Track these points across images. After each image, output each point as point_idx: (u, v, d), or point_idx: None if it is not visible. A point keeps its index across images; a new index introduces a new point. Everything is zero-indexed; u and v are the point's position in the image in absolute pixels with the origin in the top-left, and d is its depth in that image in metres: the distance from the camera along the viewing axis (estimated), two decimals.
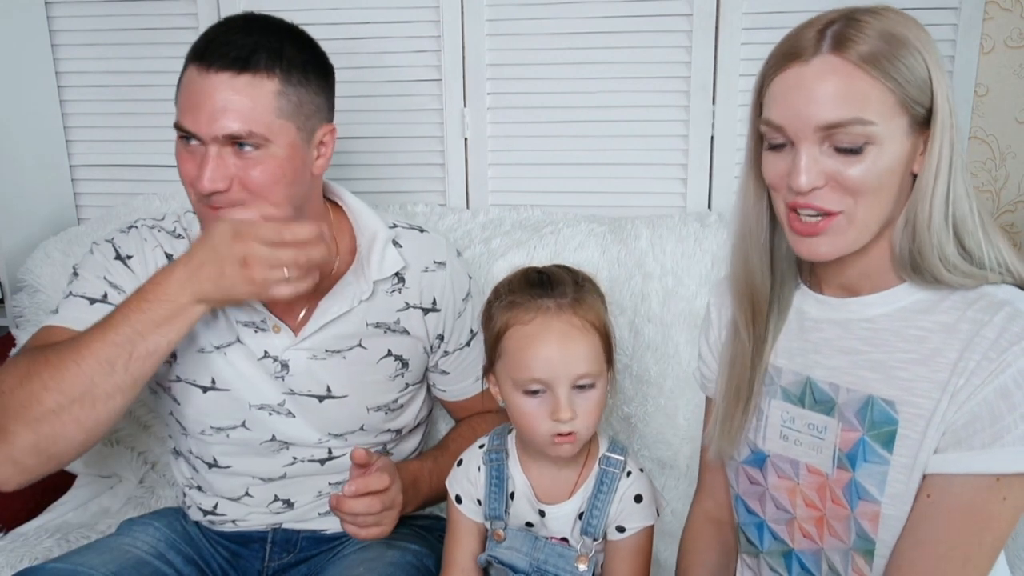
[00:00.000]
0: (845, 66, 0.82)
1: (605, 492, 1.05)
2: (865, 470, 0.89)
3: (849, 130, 0.82)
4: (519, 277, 1.05)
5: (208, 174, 1.03)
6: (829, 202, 0.85)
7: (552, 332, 0.98)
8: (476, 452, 1.11)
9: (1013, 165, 1.57)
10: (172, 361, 1.18)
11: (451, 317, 1.25)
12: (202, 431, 1.21)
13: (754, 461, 1.01)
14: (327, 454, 1.23)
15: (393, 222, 1.25)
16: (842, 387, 0.92)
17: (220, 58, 1.03)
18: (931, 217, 0.85)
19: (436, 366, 1.29)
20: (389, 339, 1.21)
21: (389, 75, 1.67)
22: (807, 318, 0.97)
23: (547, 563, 1.06)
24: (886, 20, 0.84)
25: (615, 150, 1.64)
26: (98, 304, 1.13)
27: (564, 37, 1.61)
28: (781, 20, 1.53)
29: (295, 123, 1.08)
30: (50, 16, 1.72)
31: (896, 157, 0.84)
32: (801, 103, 0.84)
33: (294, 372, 1.18)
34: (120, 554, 1.17)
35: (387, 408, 1.24)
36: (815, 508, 0.95)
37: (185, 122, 1.05)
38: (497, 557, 1.07)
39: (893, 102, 0.83)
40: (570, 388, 0.98)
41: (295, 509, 1.25)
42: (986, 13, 1.50)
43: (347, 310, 1.17)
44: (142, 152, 1.76)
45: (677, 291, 1.49)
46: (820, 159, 0.84)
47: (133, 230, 1.21)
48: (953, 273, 0.86)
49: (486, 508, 1.08)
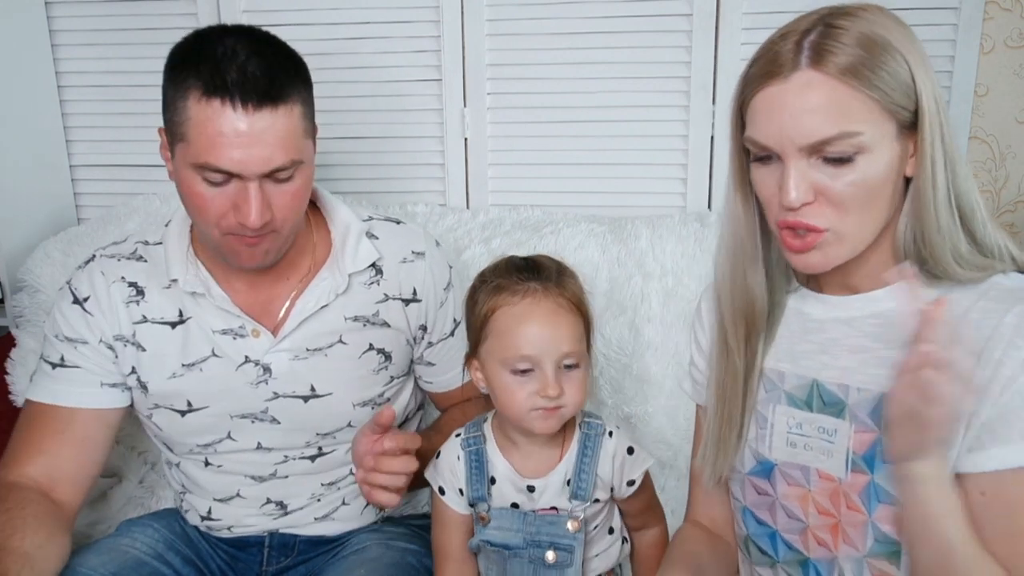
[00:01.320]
0: (826, 81, 0.80)
1: (590, 455, 1.08)
2: (885, 471, 0.86)
3: (836, 145, 0.81)
4: (504, 263, 1.08)
5: (258, 209, 1.02)
6: (816, 218, 0.83)
7: (541, 310, 1.01)
8: (454, 442, 1.13)
9: (1013, 165, 1.57)
10: (144, 391, 1.18)
11: (433, 307, 1.25)
12: (189, 450, 1.21)
13: (760, 471, 0.98)
14: (317, 451, 1.23)
15: (368, 215, 1.25)
16: (852, 387, 0.90)
17: (252, 92, 0.99)
18: (938, 220, 0.84)
19: (421, 358, 1.29)
20: (370, 332, 1.21)
21: (389, 75, 1.67)
22: (810, 319, 0.95)
23: (539, 534, 1.07)
24: (864, 22, 0.82)
25: (615, 150, 1.64)
26: (58, 369, 1.16)
27: (564, 37, 1.61)
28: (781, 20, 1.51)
29: (312, 138, 1.09)
30: (50, 16, 1.72)
31: (886, 163, 0.82)
32: (786, 122, 0.82)
33: (277, 375, 1.17)
34: (119, 555, 1.17)
35: (373, 403, 1.24)
36: (829, 515, 0.92)
37: (223, 164, 1.00)
38: (489, 540, 1.09)
39: (878, 110, 0.81)
40: (556, 366, 1.01)
41: (289, 514, 1.25)
42: (986, 13, 1.50)
43: (324, 304, 1.17)
44: (142, 152, 1.75)
45: (677, 291, 1.49)
46: (809, 173, 0.82)
47: (91, 264, 1.20)
48: (965, 268, 0.84)
49: (468, 493, 1.09)
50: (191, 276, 1.15)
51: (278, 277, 1.18)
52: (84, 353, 1.16)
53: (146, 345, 1.17)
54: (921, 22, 1.50)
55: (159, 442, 1.26)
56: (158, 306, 1.17)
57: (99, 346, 1.16)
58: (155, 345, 1.17)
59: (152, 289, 1.17)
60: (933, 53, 1.51)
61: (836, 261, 0.86)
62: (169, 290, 1.16)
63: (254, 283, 1.17)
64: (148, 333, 1.17)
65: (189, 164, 1.02)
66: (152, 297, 1.17)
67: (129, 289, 1.17)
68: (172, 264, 1.15)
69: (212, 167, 1.01)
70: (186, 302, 1.16)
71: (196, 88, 1.00)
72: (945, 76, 1.52)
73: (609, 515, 1.13)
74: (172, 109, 1.03)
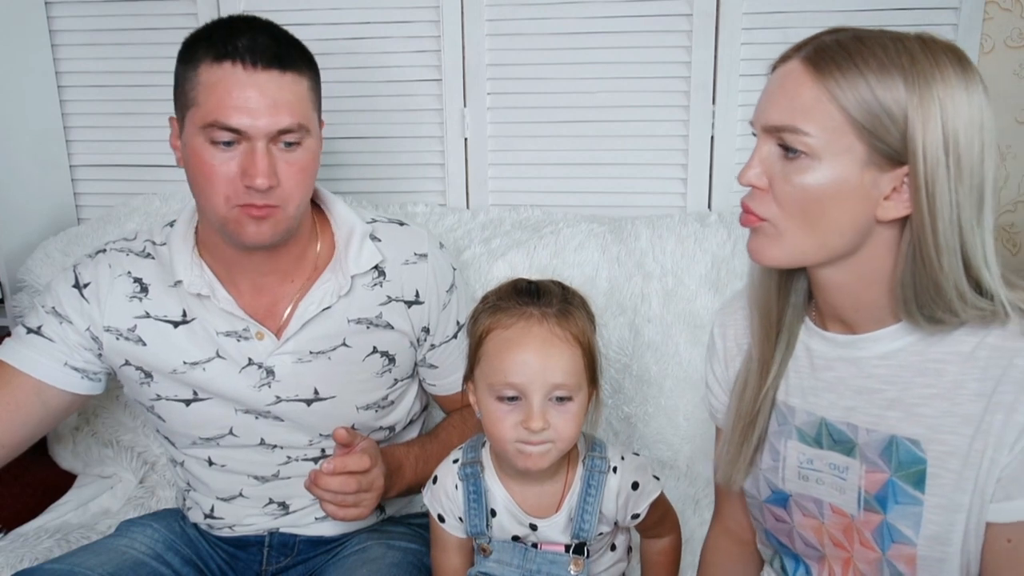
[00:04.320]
0: (804, 73, 0.80)
1: (593, 495, 1.03)
2: (898, 512, 0.85)
3: (786, 136, 0.80)
4: (508, 285, 1.03)
5: (263, 169, 1.03)
6: (758, 205, 0.84)
7: (532, 338, 0.96)
8: (450, 468, 1.08)
9: (1013, 165, 1.57)
10: (149, 381, 1.18)
11: (436, 309, 1.25)
12: (192, 442, 1.21)
13: (776, 500, 0.97)
14: (320, 453, 1.23)
15: (372, 217, 1.25)
16: (860, 428, 0.88)
17: (260, 56, 1.03)
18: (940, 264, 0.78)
19: (424, 360, 1.28)
20: (373, 335, 1.21)
21: (389, 75, 1.67)
22: (817, 356, 0.92)
23: (540, 572, 1.04)
24: (882, 48, 0.78)
25: (615, 150, 1.64)
26: (32, 335, 1.17)
27: (564, 37, 1.61)
28: (781, 20, 1.54)
29: (318, 113, 1.12)
30: (50, 16, 1.72)
31: (836, 180, 0.79)
32: (763, 100, 0.84)
33: (280, 377, 1.17)
34: (118, 555, 1.17)
35: (377, 406, 1.24)
36: (843, 548, 0.91)
37: (231, 120, 1.03)
38: (488, 573, 1.06)
39: (844, 122, 0.78)
40: (545, 398, 0.95)
41: (291, 513, 1.25)
42: (986, 13, 1.50)
43: (327, 306, 1.17)
44: (142, 152, 1.76)
45: (677, 291, 1.49)
46: (769, 159, 0.83)
47: (100, 255, 1.21)
48: (969, 307, 0.80)
49: (467, 525, 1.06)
50: (196, 277, 1.15)
51: (282, 279, 1.18)
52: (64, 331, 1.17)
53: (147, 340, 1.17)
54: (921, 22, 1.50)
55: (162, 436, 1.25)
56: (162, 304, 1.17)
57: (84, 333, 1.17)
58: (157, 341, 1.17)
59: (157, 287, 1.18)
60: None
61: (773, 258, 0.85)
62: (174, 289, 1.17)
63: (258, 285, 1.17)
64: (150, 329, 1.17)
65: (198, 128, 1.05)
66: (156, 295, 1.17)
67: (134, 285, 1.18)
68: (177, 265, 1.15)
69: (221, 124, 1.03)
70: (190, 303, 1.16)
71: (207, 57, 1.05)
72: None
73: (611, 534, 1.09)
74: (183, 85, 1.07)
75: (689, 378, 1.47)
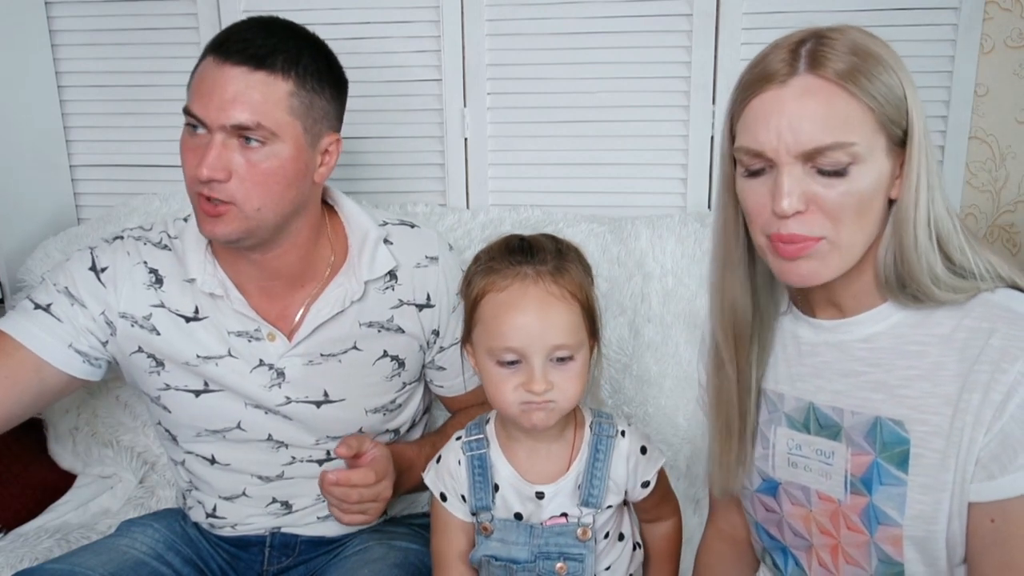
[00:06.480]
0: (825, 86, 0.79)
1: (602, 458, 1.01)
2: (883, 493, 0.87)
3: (831, 155, 0.79)
4: (500, 243, 1.00)
5: (209, 161, 1.04)
6: (810, 227, 0.82)
7: (528, 300, 0.93)
8: (454, 445, 1.06)
9: (1013, 165, 1.57)
10: (159, 370, 1.18)
11: (446, 311, 1.25)
12: (196, 435, 1.21)
13: (767, 489, 0.98)
14: (326, 455, 1.23)
15: (384, 220, 1.25)
16: (846, 410, 0.90)
17: (238, 52, 1.05)
18: (916, 240, 0.82)
19: (433, 362, 1.29)
20: (384, 339, 1.21)
21: (389, 75, 1.67)
22: (803, 343, 0.94)
23: (548, 545, 1.02)
24: (855, 37, 0.82)
25: (615, 150, 1.64)
26: (40, 311, 1.15)
27: (564, 37, 1.61)
28: (781, 20, 1.54)
29: (303, 123, 1.09)
30: (50, 16, 1.72)
31: (876, 176, 0.82)
32: (783, 127, 0.80)
33: (290, 379, 1.18)
34: (118, 555, 1.17)
35: (385, 409, 1.24)
36: (829, 535, 0.92)
37: (194, 107, 1.06)
38: (495, 555, 1.03)
39: (872, 120, 0.80)
40: (546, 359, 0.93)
41: (294, 512, 1.25)
42: (986, 13, 1.50)
43: (339, 311, 1.17)
44: (142, 152, 1.76)
45: (677, 291, 1.49)
46: (803, 180, 0.81)
47: (118, 241, 1.20)
48: (943, 289, 0.83)
49: (471, 502, 1.04)
50: (208, 276, 1.15)
51: (294, 282, 1.18)
52: (74, 313, 1.15)
53: (161, 330, 1.17)
54: (921, 22, 1.50)
55: (164, 430, 1.25)
56: (175, 298, 1.17)
57: (98, 317, 1.16)
58: (171, 332, 1.17)
59: (171, 280, 1.18)
60: (933, 53, 1.52)
61: (829, 273, 0.84)
62: (188, 285, 1.17)
63: (270, 287, 1.17)
64: (164, 320, 1.17)
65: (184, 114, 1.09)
66: (170, 288, 1.17)
67: (149, 275, 1.18)
68: (190, 263, 1.15)
69: (187, 111, 1.07)
70: (203, 301, 1.16)
71: (207, 50, 1.09)
72: (945, 76, 1.52)
73: (619, 520, 1.08)
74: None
75: (689, 378, 1.47)
